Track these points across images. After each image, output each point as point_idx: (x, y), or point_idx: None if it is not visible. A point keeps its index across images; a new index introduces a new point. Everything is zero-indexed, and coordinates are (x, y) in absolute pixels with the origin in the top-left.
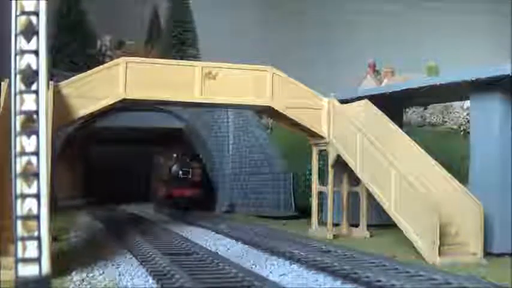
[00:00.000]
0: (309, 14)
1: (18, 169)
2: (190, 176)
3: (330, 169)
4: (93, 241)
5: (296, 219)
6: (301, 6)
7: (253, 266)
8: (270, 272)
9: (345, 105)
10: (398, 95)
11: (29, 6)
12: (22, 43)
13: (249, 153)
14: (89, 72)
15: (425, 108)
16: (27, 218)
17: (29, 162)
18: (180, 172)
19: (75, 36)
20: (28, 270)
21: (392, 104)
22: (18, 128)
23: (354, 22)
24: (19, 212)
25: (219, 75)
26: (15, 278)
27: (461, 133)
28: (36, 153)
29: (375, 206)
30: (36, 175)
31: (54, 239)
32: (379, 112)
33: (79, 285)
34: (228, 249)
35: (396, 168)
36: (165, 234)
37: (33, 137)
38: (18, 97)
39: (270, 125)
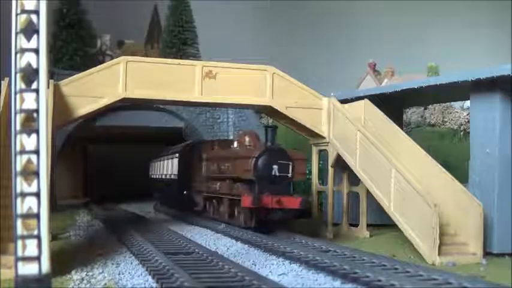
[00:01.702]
0: (309, 14)
1: (19, 167)
2: (290, 175)
3: (330, 169)
4: (93, 240)
5: (296, 219)
6: (302, 6)
7: (253, 266)
8: (270, 272)
9: (345, 105)
10: (398, 95)
11: (30, 5)
12: (22, 41)
13: None
14: (89, 71)
15: (425, 108)
16: (27, 216)
17: (29, 161)
18: (276, 168)
19: (75, 35)
20: (28, 269)
21: (392, 104)
22: (18, 127)
23: (354, 22)
24: (19, 211)
25: (219, 75)
26: (15, 277)
27: (461, 133)
28: (37, 152)
29: (374, 205)
30: (36, 174)
31: (54, 237)
32: (380, 112)
33: (79, 284)
34: (228, 248)
35: (396, 168)
36: (165, 234)
37: (34, 136)
38: (18, 96)
39: (270, 124)
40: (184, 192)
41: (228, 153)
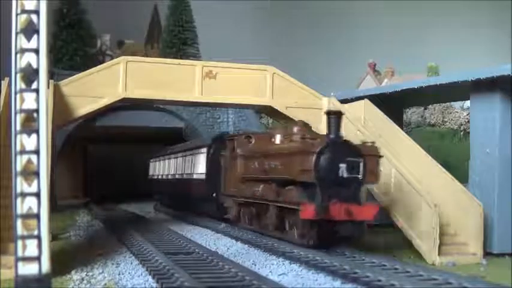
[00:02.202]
0: (309, 14)
1: (19, 167)
2: (361, 176)
3: None
4: (93, 240)
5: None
6: (302, 6)
7: (253, 265)
8: (270, 272)
9: (345, 105)
10: (398, 95)
11: (30, 5)
12: (22, 41)
13: None
14: (89, 71)
15: (425, 108)
16: (27, 216)
17: (29, 161)
18: (343, 167)
19: (75, 35)
20: (28, 269)
21: (392, 104)
22: (18, 127)
23: (354, 22)
24: (19, 211)
25: (219, 75)
26: (15, 277)
27: (461, 133)
28: (37, 152)
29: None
30: (37, 174)
31: (54, 237)
32: (380, 112)
33: (79, 284)
34: (228, 248)
35: (396, 168)
36: (165, 233)
37: (34, 136)
38: (18, 96)
39: (270, 125)
40: (213, 194)
41: (276, 147)
